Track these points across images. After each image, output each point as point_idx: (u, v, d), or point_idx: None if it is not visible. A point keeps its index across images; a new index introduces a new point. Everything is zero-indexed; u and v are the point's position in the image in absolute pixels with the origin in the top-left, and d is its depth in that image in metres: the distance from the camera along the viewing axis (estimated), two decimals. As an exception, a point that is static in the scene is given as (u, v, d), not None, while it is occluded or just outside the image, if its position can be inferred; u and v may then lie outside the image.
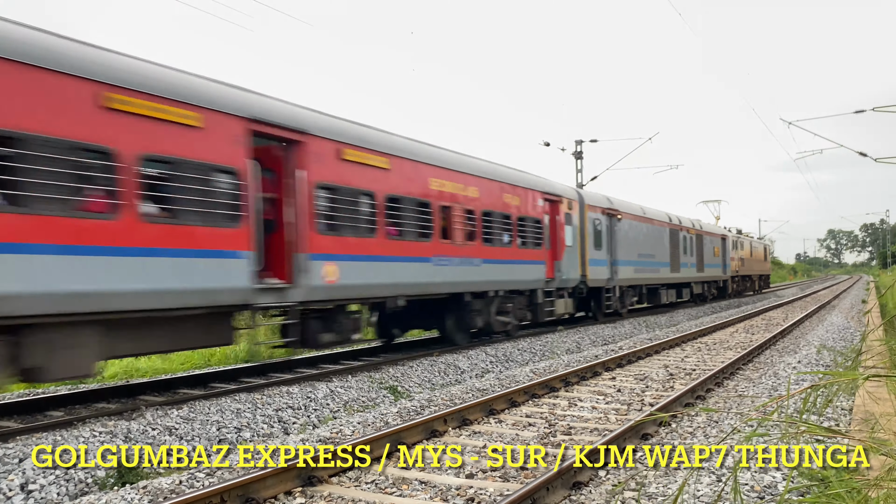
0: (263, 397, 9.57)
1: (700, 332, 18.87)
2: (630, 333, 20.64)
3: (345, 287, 11.19)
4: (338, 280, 10.96)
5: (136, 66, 8.46)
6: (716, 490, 5.26)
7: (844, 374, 3.38)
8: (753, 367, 12.77)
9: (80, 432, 7.44)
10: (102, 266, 7.63)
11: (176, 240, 8.52)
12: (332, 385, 10.65)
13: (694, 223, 32.35)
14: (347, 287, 11.25)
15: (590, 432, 7.85)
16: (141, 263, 8.05)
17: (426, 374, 12.31)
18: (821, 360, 12.43)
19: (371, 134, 12.33)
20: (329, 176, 10.91)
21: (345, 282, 11.12)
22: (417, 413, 8.91)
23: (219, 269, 9.01)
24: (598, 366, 12.26)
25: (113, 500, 5.55)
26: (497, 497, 5.57)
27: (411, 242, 12.87)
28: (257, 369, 12.32)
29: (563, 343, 17.16)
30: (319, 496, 5.78)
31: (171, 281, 8.41)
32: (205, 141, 8.92)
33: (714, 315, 27.89)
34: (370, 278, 11.77)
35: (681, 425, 8.04)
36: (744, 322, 23.10)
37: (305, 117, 10.81)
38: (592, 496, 5.60)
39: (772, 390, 9.81)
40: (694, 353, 14.86)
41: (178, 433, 7.92)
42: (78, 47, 7.89)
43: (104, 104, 7.74)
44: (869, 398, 7.47)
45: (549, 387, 10.45)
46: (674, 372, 12.15)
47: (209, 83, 9.47)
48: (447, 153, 14.70)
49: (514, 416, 8.78)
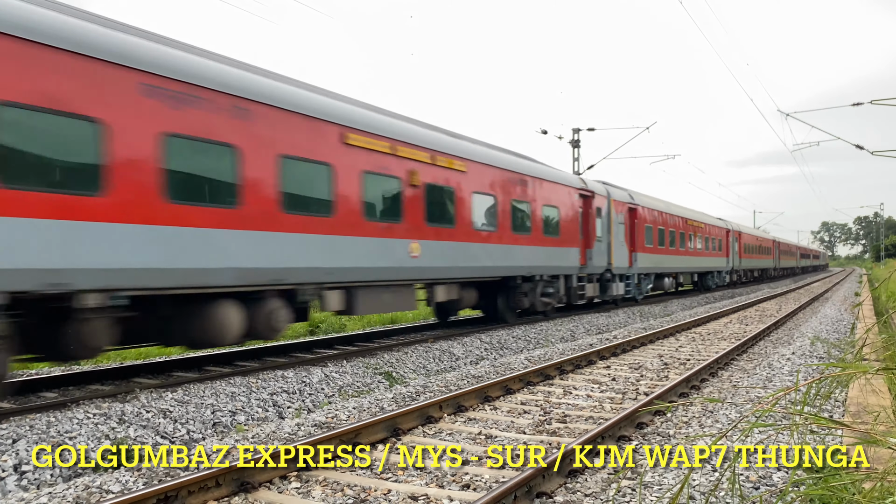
0: (258, 381, 9.54)
1: (694, 322, 18.91)
2: (624, 322, 20.69)
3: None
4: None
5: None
6: (711, 480, 5.27)
7: (854, 366, 3.37)
8: (748, 358, 12.80)
9: (74, 414, 7.40)
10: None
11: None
12: (328, 370, 10.63)
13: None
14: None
15: (585, 420, 7.86)
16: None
17: (421, 360, 12.31)
18: (815, 352, 12.47)
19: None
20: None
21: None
22: (413, 399, 8.90)
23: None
24: (593, 354, 12.27)
25: (107, 482, 5.53)
26: (493, 483, 5.57)
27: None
28: (252, 353, 12.30)
29: (558, 331, 17.18)
30: (315, 480, 5.76)
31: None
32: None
33: (708, 305, 27.98)
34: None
35: (676, 414, 8.05)
36: (737, 313, 23.16)
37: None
38: (588, 484, 5.60)
39: (766, 381, 9.83)
40: (688, 343, 14.89)
41: (173, 416, 7.89)
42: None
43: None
44: (861, 391, 7.50)
45: (544, 374, 10.46)
46: (668, 361, 12.17)
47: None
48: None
49: (510, 404, 8.78)
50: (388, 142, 12.29)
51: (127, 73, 8.07)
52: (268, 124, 9.83)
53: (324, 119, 10.84)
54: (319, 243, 10.64)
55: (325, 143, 10.84)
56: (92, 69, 7.69)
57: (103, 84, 7.79)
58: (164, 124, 8.43)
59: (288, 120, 10.17)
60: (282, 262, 9.96)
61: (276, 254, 9.87)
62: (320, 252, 10.64)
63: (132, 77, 8.12)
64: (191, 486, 5.11)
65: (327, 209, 10.84)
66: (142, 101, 8.20)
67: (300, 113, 10.38)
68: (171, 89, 8.54)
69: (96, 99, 7.70)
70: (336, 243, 10.99)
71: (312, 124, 10.61)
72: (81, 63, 7.59)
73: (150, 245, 8.24)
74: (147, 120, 8.24)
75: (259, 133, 9.69)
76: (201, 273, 8.82)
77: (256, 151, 9.62)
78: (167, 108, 8.47)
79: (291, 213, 10.16)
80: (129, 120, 8.04)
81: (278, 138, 9.99)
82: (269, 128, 9.85)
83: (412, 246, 12.80)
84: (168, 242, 8.43)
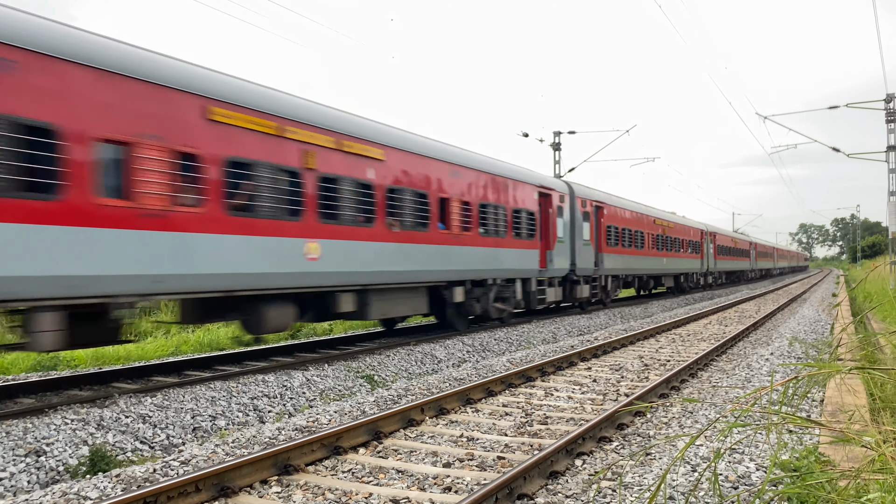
0: (238, 385, 9.48)
1: (674, 323, 19.04)
2: (605, 324, 20.79)
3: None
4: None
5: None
6: (691, 480, 5.31)
7: (828, 365, 3.41)
8: (727, 359, 12.91)
9: (52, 419, 7.32)
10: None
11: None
12: (309, 374, 10.59)
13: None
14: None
15: (566, 422, 7.89)
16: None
17: (403, 363, 12.29)
18: (793, 352, 12.60)
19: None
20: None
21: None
22: (395, 402, 8.89)
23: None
24: (574, 356, 12.32)
25: (85, 489, 5.47)
26: (474, 486, 5.58)
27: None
28: (232, 357, 12.22)
29: (540, 333, 17.24)
30: (295, 485, 5.74)
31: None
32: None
33: (688, 307, 28.18)
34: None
35: (656, 415, 8.10)
36: (717, 314, 23.35)
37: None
38: (569, 485, 5.62)
39: (745, 381, 9.92)
40: (668, 344, 15.00)
41: (152, 421, 7.82)
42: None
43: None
44: (837, 390, 7.59)
45: (526, 376, 10.48)
46: (649, 363, 12.24)
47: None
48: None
49: (491, 406, 8.79)
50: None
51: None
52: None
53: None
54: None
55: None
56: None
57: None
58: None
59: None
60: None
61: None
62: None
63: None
64: (170, 492, 5.06)
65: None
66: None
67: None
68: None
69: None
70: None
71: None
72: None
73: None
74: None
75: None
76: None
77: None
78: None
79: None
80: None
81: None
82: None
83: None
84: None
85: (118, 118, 8.17)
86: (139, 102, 8.43)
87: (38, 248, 7.28)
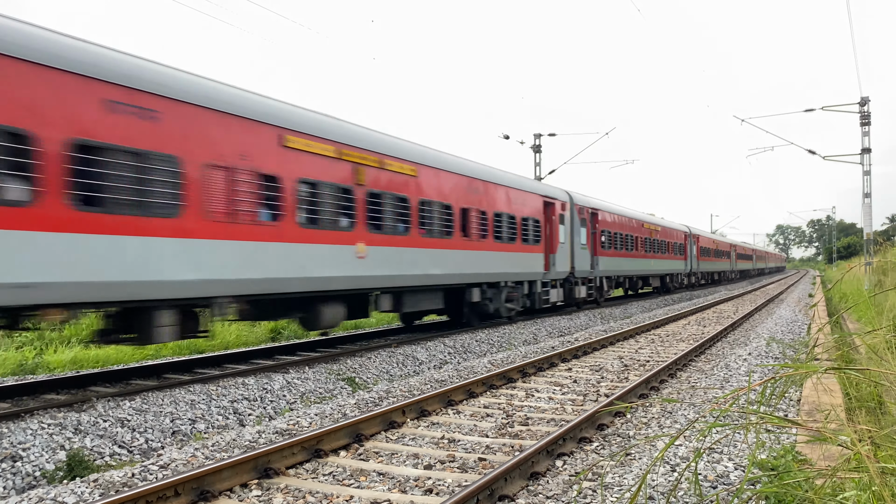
0: (218, 389, 9.42)
1: (653, 324, 19.18)
2: (585, 325, 20.90)
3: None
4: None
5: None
6: (670, 480, 5.35)
7: (805, 366, 3.46)
8: (706, 359, 13.03)
9: (28, 424, 7.22)
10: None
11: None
12: (289, 376, 10.54)
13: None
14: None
15: (547, 423, 7.92)
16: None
17: (384, 365, 12.28)
18: (770, 352, 12.74)
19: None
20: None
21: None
22: (376, 404, 8.87)
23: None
24: (555, 357, 12.37)
25: (62, 494, 5.40)
26: (455, 488, 5.58)
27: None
28: (212, 360, 12.14)
29: (521, 334, 17.29)
30: (276, 488, 5.71)
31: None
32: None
33: (667, 308, 28.40)
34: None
35: (635, 415, 8.16)
36: (695, 315, 23.55)
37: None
38: (550, 486, 5.64)
39: (724, 381, 10.01)
40: (648, 345, 15.10)
41: (131, 425, 7.75)
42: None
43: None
44: (814, 390, 7.69)
45: (507, 378, 10.51)
46: (628, 363, 12.32)
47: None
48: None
49: (473, 407, 8.80)
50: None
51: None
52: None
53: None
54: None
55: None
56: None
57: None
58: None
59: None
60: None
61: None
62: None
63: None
64: (149, 497, 5.02)
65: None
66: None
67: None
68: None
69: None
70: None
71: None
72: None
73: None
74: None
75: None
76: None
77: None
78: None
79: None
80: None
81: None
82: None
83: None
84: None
85: (223, 147, 9.62)
86: (238, 134, 9.89)
87: (161, 258, 8.70)
